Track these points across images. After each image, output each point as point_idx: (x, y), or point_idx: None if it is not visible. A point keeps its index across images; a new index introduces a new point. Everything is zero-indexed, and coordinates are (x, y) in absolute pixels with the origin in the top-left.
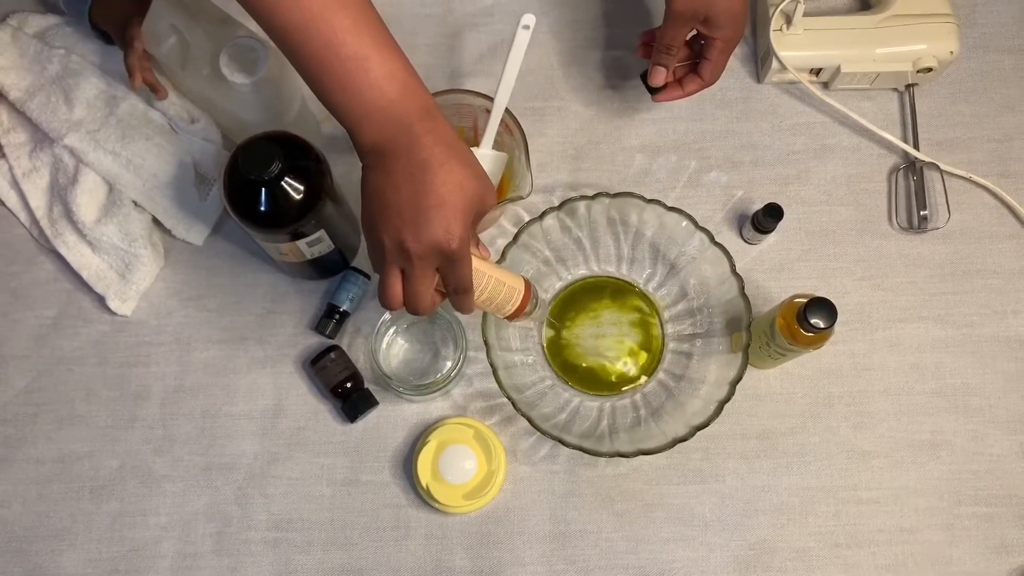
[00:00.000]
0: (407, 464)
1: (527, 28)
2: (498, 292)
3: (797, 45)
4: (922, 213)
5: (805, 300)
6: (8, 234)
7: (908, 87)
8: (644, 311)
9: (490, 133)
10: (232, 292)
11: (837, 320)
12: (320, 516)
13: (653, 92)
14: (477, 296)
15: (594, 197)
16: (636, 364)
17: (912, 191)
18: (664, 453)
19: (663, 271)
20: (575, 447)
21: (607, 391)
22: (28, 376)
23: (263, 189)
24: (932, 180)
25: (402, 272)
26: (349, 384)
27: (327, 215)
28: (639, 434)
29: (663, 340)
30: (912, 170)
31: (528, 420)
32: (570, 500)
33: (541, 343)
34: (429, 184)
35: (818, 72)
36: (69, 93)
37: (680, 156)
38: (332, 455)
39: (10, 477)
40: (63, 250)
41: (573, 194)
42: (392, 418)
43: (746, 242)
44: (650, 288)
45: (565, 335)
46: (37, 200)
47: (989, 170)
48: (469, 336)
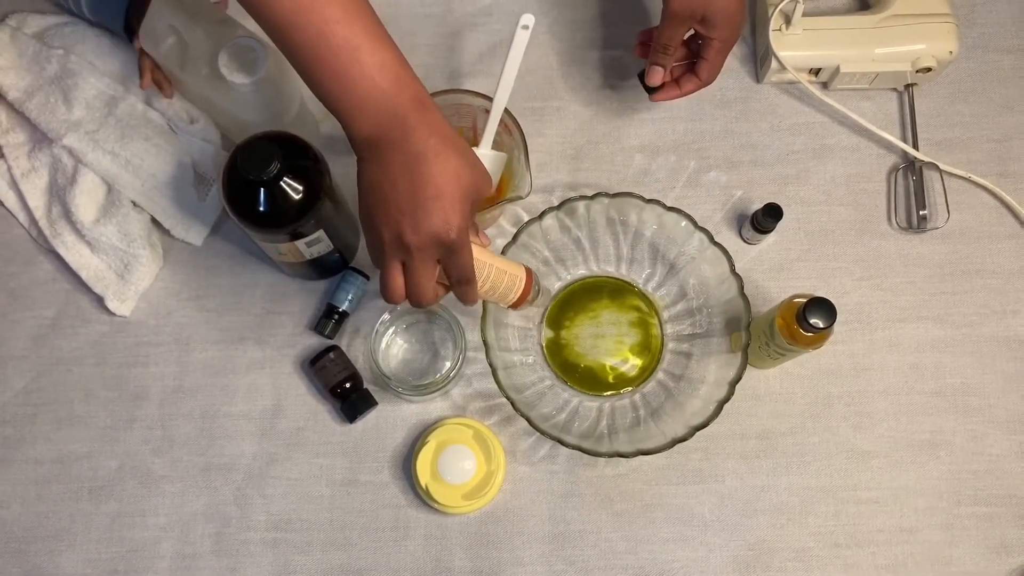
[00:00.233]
0: (406, 464)
1: (526, 28)
2: (500, 281)
3: (796, 45)
4: (921, 213)
5: (804, 300)
6: (7, 234)
7: (907, 87)
8: (643, 311)
9: (489, 133)
10: (231, 292)
11: (836, 320)
12: (319, 516)
13: (650, 91)
14: (480, 286)
15: (593, 197)
16: (635, 364)
17: (911, 191)
18: (663, 453)
19: (662, 271)
20: (574, 447)
21: (606, 391)
22: (27, 377)
23: (262, 189)
24: (931, 180)
25: (403, 265)
26: (348, 384)
27: (326, 215)
28: (638, 434)
29: (662, 340)
30: (911, 170)
31: (527, 420)
32: (569, 500)
33: (540, 343)
34: (426, 175)
35: (817, 72)
36: (68, 93)
37: (679, 156)
38: (331, 455)
39: (9, 478)
40: (62, 250)
41: (572, 194)
42: (391, 418)
43: (745, 242)
44: (649, 288)
45: (564, 335)
46: (36, 200)
47: (988, 170)
48: (468, 336)
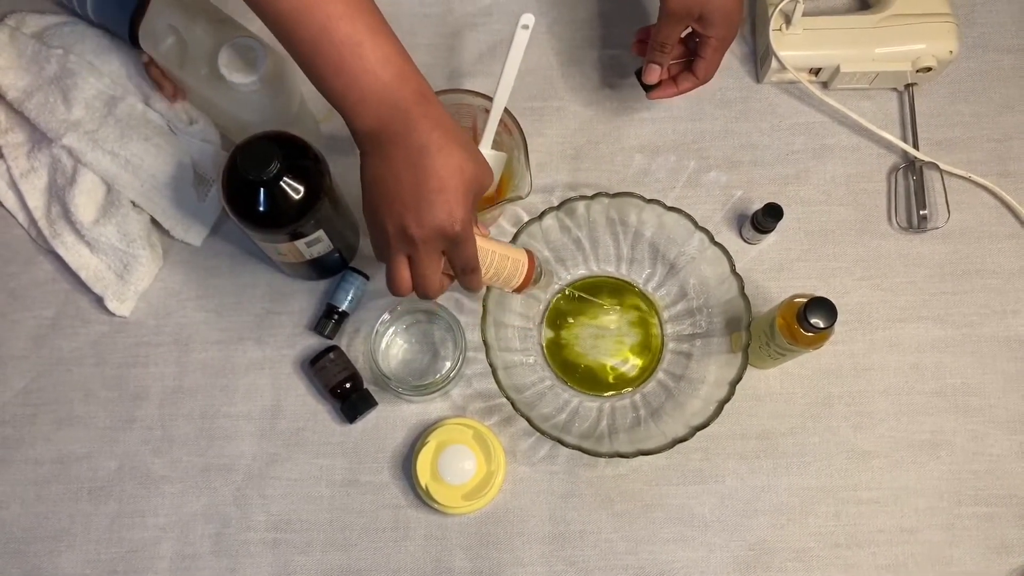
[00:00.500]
0: (406, 465)
1: (526, 28)
2: (504, 266)
3: (796, 45)
4: (922, 213)
5: (805, 300)
6: (6, 235)
7: (907, 87)
8: (643, 311)
9: (489, 133)
10: (231, 293)
11: (837, 320)
12: (319, 517)
13: (647, 89)
14: (484, 273)
15: (593, 197)
16: (635, 364)
17: (912, 191)
18: (664, 453)
19: (662, 271)
20: (574, 447)
21: (606, 391)
22: (26, 377)
23: (262, 189)
24: (932, 180)
25: (408, 259)
26: (348, 384)
27: (326, 215)
28: (639, 434)
29: (662, 340)
30: (911, 170)
31: (527, 420)
32: (570, 501)
33: (540, 343)
34: (429, 169)
35: (817, 72)
36: (67, 93)
37: (679, 156)
38: (331, 456)
39: (8, 478)
40: (61, 250)
41: (572, 194)
42: (391, 419)
43: (746, 242)
44: (649, 288)
45: (564, 335)
46: (35, 200)
47: (989, 170)
48: (468, 336)
